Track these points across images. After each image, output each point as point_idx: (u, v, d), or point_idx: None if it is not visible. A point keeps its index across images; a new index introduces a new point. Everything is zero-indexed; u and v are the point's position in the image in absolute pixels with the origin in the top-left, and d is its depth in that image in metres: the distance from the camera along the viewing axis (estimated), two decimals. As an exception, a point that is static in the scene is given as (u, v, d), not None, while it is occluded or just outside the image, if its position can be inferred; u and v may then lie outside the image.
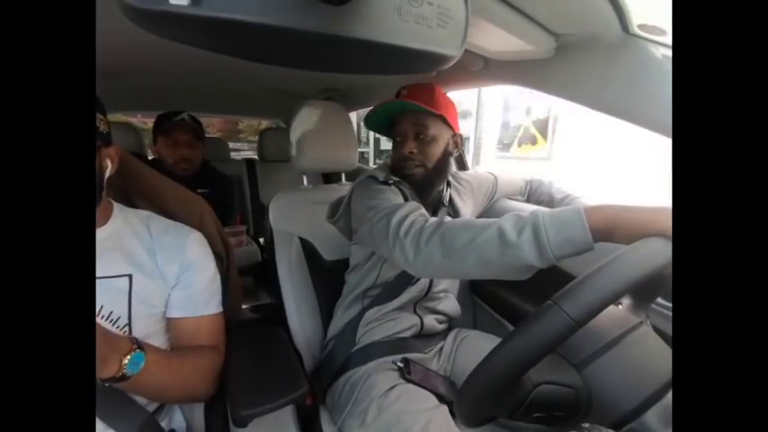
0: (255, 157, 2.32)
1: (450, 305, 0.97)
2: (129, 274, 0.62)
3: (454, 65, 0.35)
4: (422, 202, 0.88)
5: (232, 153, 2.45)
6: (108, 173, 0.61)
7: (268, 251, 1.07)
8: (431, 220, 0.64)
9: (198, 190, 0.83)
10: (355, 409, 0.75)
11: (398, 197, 0.80)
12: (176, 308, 0.67)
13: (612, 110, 0.70)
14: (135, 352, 0.54)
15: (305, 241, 1.03)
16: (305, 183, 1.87)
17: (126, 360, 0.53)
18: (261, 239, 1.84)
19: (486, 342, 0.89)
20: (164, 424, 0.68)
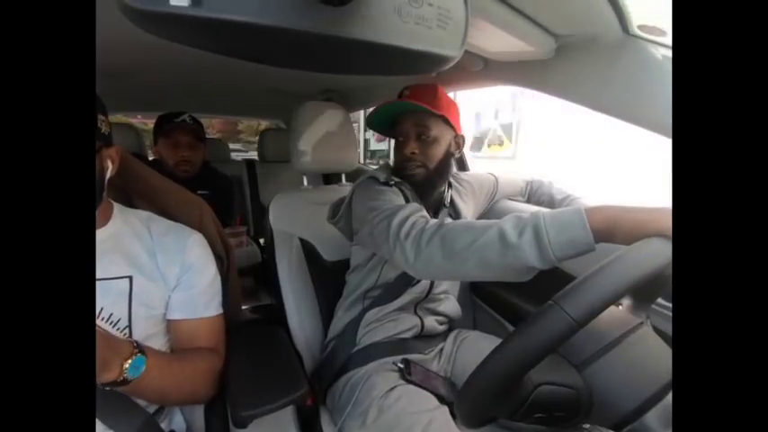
0: (254, 158, 2.32)
1: (451, 306, 0.97)
2: (130, 275, 0.62)
3: (454, 65, 0.35)
4: (423, 202, 0.88)
5: (231, 153, 2.45)
6: (109, 174, 0.61)
7: (268, 252, 1.07)
8: (431, 221, 0.64)
9: (198, 191, 0.83)
10: (356, 409, 0.75)
11: (399, 198, 0.80)
12: (177, 309, 0.67)
13: (612, 110, 0.70)
14: (136, 356, 0.54)
15: (305, 242, 1.03)
16: (305, 183, 1.87)
17: (127, 364, 0.53)
18: (261, 240, 1.84)
19: (487, 343, 0.89)
20: (164, 425, 0.68)
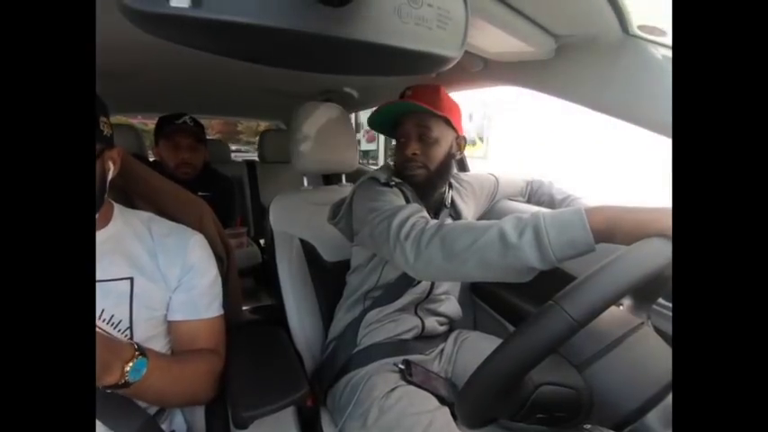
0: (253, 158, 2.32)
1: (452, 307, 0.96)
2: (131, 277, 0.62)
3: (454, 66, 0.35)
4: (424, 203, 0.88)
5: (235, 154, 2.45)
6: (111, 175, 0.61)
7: (268, 252, 1.07)
8: (431, 222, 0.64)
9: (199, 193, 0.83)
10: (356, 410, 0.75)
11: (400, 199, 0.80)
12: (178, 311, 0.67)
13: (612, 110, 0.70)
14: (137, 359, 0.54)
15: (305, 242, 1.03)
16: (305, 184, 1.87)
17: (128, 367, 0.52)
18: (261, 241, 1.84)
19: (487, 343, 0.89)
20: (164, 426, 0.68)
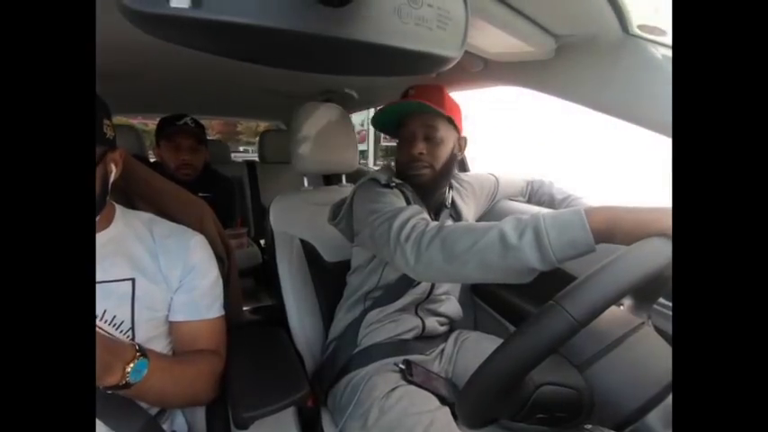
0: (252, 159, 2.32)
1: (452, 307, 0.96)
2: (132, 278, 0.62)
3: (454, 66, 0.35)
4: (425, 204, 0.88)
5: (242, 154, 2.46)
6: (113, 177, 0.61)
7: (269, 253, 1.07)
8: (432, 224, 0.64)
9: (200, 194, 0.83)
10: (357, 410, 0.75)
11: (400, 200, 0.80)
12: (179, 311, 0.67)
13: (613, 110, 0.70)
14: (138, 359, 0.54)
15: (306, 243, 1.03)
16: (305, 184, 1.87)
17: (129, 368, 0.52)
18: (262, 241, 1.84)
19: (488, 343, 0.89)
20: (165, 427, 0.67)
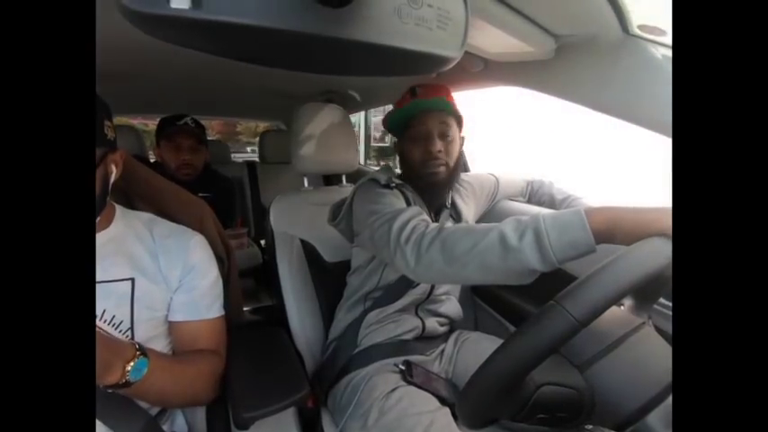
0: (252, 159, 2.32)
1: (452, 307, 0.96)
2: (132, 277, 0.62)
3: (454, 66, 0.35)
4: (426, 204, 0.88)
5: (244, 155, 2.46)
6: (113, 178, 0.61)
7: (269, 253, 1.07)
8: (431, 225, 0.64)
9: (200, 194, 0.83)
10: (357, 411, 0.75)
11: (400, 201, 0.80)
12: (179, 311, 0.67)
13: (613, 110, 0.70)
14: (138, 358, 0.54)
15: (306, 243, 1.03)
16: (306, 185, 1.87)
17: (129, 367, 0.52)
18: (262, 241, 1.84)
19: (488, 343, 0.89)
20: (165, 427, 0.68)
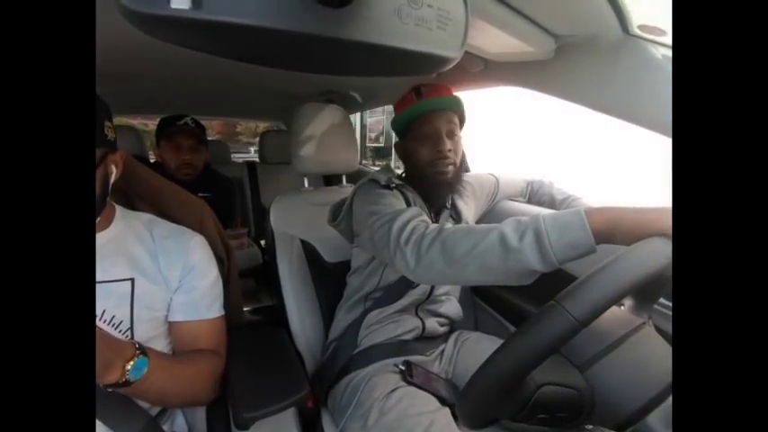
0: (254, 160, 2.32)
1: (452, 308, 0.96)
2: (132, 278, 0.62)
3: (454, 66, 0.35)
4: (427, 204, 0.88)
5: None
6: (113, 179, 0.61)
7: (269, 253, 1.08)
8: (431, 226, 0.64)
9: (200, 194, 0.83)
10: (357, 411, 0.75)
11: (400, 202, 0.80)
12: (178, 311, 0.67)
13: (613, 110, 0.70)
14: (138, 357, 0.54)
15: (306, 243, 1.03)
16: (306, 185, 1.87)
17: (129, 366, 0.52)
18: (262, 242, 1.84)
19: (488, 343, 0.89)
20: (165, 427, 0.68)
